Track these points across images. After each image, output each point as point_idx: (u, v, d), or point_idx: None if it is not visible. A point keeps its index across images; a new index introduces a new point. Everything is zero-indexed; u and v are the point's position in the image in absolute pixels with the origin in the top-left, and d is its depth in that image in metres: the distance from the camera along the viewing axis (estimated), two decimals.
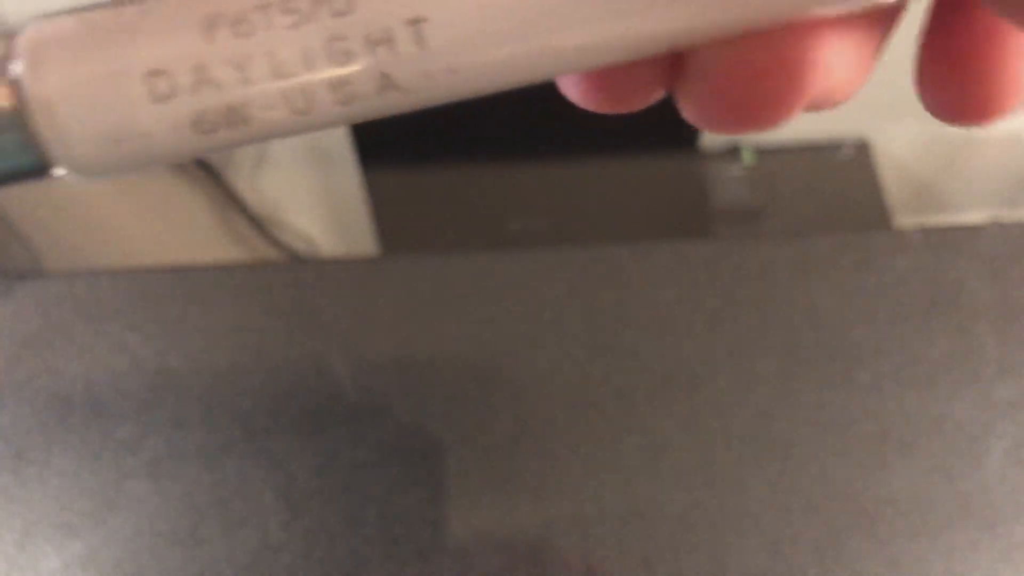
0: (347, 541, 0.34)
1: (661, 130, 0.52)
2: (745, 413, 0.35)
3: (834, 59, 0.11)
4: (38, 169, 0.11)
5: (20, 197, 0.57)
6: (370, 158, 0.55)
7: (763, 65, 0.11)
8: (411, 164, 0.55)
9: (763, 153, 0.56)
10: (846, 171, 0.56)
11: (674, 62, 0.12)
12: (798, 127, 0.53)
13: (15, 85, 0.11)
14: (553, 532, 0.33)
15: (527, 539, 0.33)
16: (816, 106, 0.12)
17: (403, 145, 0.55)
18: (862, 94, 0.13)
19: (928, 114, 0.13)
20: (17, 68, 0.11)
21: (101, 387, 0.37)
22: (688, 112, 0.12)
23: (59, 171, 0.11)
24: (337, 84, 0.10)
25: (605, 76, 0.12)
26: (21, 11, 0.52)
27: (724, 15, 0.11)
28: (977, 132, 0.56)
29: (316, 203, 0.62)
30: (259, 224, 0.60)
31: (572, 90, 0.13)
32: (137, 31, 0.10)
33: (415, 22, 0.10)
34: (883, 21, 0.12)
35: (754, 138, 0.55)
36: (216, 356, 0.38)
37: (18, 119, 0.11)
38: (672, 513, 0.34)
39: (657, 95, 0.12)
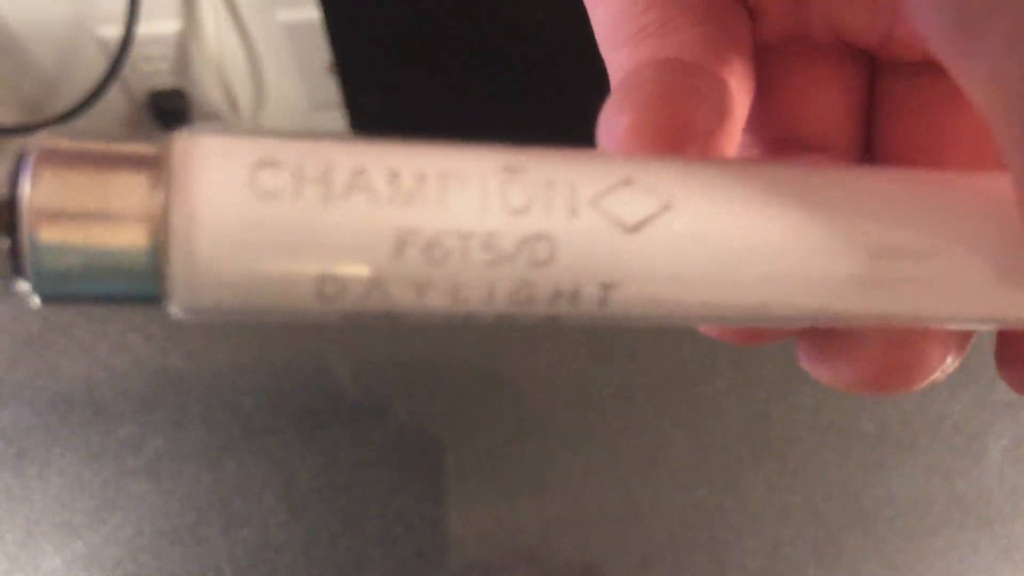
0: (347, 540, 0.34)
1: None
2: (744, 413, 0.35)
3: (949, 357, 0.13)
4: (148, 300, 0.09)
5: None
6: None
7: (902, 359, 0.13)
8: None
9: None
10: None
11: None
12: None
13: (161, 210, 0.09)
14: (553, 532, 0.33)
15: (527, 539, 0.33)
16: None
17: None
18: None
19: None
20: (162, 192, 0.09)
21: (102, 386, 0.37)
22: (811, 366, 0.14)
23: (170, 308, 0.10)
24: (505, 317, 0.10)
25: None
26: (26, 14, 0.52)
27: (879, 313, 0.11)
28: None
29: None
30: None
31: (711, 330, 0.14)
32: (321, 223, 0.09)
33: (607, 286, 0.10)
34: None
35: None
36: (217, 355, 0.38)
37: (154, 252, 0.09)
38: (671, 513, 0.34)
39: (782, 339, 0.14)
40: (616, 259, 0.10)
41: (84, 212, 0.09)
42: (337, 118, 0.54)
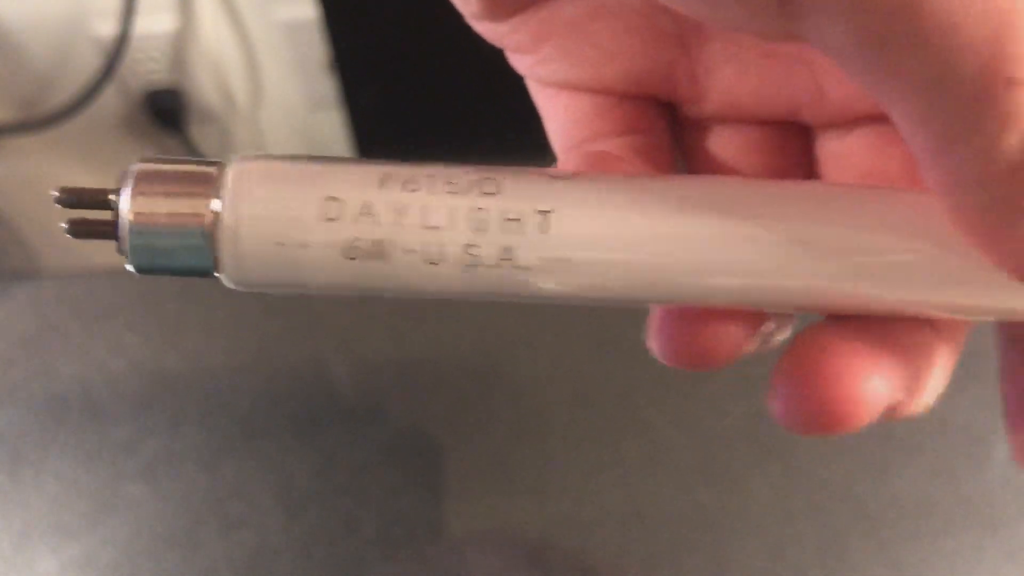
0: (346, 543, 0.33)
1: None
2: (746, 414, 0.35)
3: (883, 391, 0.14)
4: (205, 272, 0.14)
5: (17, 197, 0.56)
6: (369, 158, 0.55)
7: (834, 405, 0.14)
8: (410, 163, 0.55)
9: None
10: None
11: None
12: None
13: (216, 212, 0.13)
14: (553, 532, 0.33)
15: (527, 539, 0.33)
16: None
17: (402, 144, 0.55)
18: None
19: None
20: (219, 200, 0.13)
21: (98, 388, 0.37)
22: (773, 406, 0.15)
23: (221, 277, 0.14)
24: (468, 246, 0.13)
25: (693, 336, 0.15)
26: (21, 11, 0.52)
27: (846, 296, 0.13)
28: None
29: None
30: None
31: (656, 343, 0.15)
32: (328, 172, 0.13)
33: (544, 212, 0.13)
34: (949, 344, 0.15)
35: None
36: (214, 357, 0.38)
37: (208, 236, 0.13)
38: (672, 514, 0.34)
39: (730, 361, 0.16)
40: (550, 191, 0.13)
41: (163, 212, 0.13)
42: (335, 116, 0.54)
